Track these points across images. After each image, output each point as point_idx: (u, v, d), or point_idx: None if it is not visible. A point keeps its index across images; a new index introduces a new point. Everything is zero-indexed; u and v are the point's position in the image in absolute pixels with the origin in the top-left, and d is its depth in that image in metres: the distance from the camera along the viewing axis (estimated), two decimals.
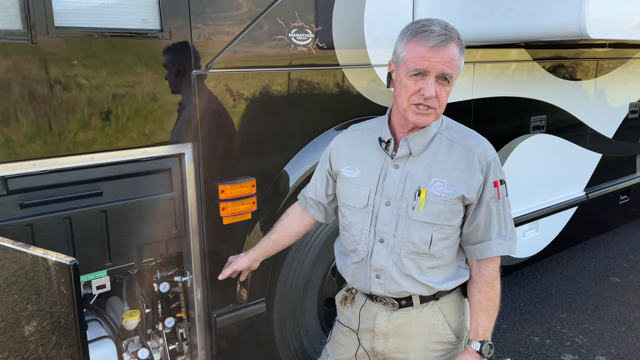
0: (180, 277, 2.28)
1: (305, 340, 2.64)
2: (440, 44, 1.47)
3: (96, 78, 1.82)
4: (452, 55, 1.50)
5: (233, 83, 2.14)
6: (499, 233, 1.64)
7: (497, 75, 3.18)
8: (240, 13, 2.11)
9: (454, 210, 1.60)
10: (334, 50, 2.40)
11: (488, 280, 1.66)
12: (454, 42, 1.50)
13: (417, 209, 1.59)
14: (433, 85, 1.49)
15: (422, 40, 1.49)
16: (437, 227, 1.60)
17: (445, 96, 1.54)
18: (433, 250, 1.62)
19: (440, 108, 1.55)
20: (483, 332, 1.65)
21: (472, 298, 1.68)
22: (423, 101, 1.51)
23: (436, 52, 1.48)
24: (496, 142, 3.25)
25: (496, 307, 1.67)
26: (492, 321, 1.67)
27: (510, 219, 1.67)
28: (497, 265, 1.67)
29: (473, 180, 1.58)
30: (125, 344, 2.25)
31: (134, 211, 2.02)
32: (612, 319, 3.70)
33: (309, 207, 1.92)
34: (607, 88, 4.01)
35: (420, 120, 1.55)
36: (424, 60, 1.49)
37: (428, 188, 1.58)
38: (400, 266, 1.64)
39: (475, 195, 1.60)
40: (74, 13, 1.77)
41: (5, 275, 1.29)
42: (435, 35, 1.48)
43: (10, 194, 1.76)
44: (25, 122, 1.72)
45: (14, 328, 1.32)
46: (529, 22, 2.30)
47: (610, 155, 4.19)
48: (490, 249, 1.64)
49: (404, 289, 1.66)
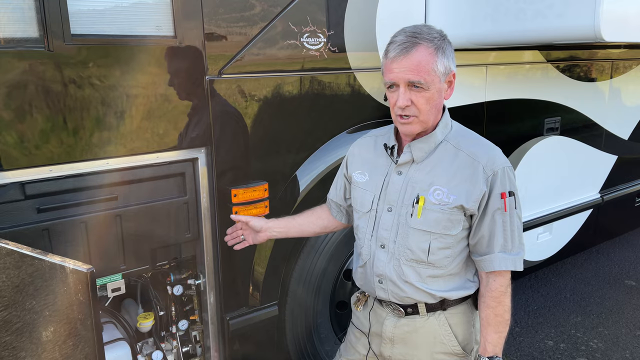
0: (193, 280, 2.30)
1: (317, 343, 2.65)
2: (400, 53, 1.48)
3: (111, 84, 1.85)
4: (418, 61, 1.47)
5: (245, 88, 2.15)
6: (503, 246, 1.58)
7: (510, 77, 3.16)
8: (252, 19, 2.12)
9: (453, 219, 1.57)
10: (346, 53, 2.41)
11: (495, 295, 1.60)
12: (419, 46, 1.48)
13: (414, 217, 1.58)
14: (404, 94, 1.50)
15: (388, 52, 1.53)
16: (435, 235, 1.58)
17: (423, 102, 1.51)
18: (432, 259, 1.60)
19: (422, 114, 1.53)
20: (492, 348, 1.61)
21: (481, 312, 1.65)
22: (401, 112, 1.53)
23: (398, 62, 1.49)
24: (509, 144, 3.26)
25: (505, 323, 1.62)
26: (502, 337, 1.62)
27: (518, 233, 1.61)
28: (506, 280, 1.61)
29: (474, 190, 1.55)
30: (139, 346, 2.28)
31: (148, 215, 2.04)
32: (627, 322, 3.66)
33: (332, 209, 1.96)
34: (623, 89, 3.96)
35: (406, 130, 1.57)
36: (390, 73, 1.51)
37: (427, 196, 1.57)
38: (399, 273, 1.64)
39: (476, 206, 1.56)
40: (90, 20, 1.79)
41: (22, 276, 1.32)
42: (396, 45, 1.49)
43: (28, 199, 1.79)
44: (42, 128, 1.75)
45: (31, 329, 1.35)
46: (542, 25, 2.28)
47: (625, 157, 4.13)
48: (492, 263, 1.59)
49: (407, 294, 1.65)
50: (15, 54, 1.66)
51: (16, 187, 1.76)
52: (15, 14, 1.67)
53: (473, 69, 2.94)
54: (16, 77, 1.67)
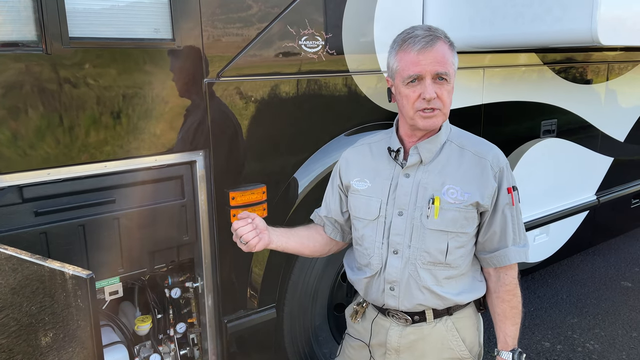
0: (191, 283, 2.30)
1: (315, 345, 2.65)
2: (426, 45, 1.48)
3: (109, 87, 1.84)
4: (442, 54, 1.50)
5: (244, 90, 2.15)
6: (514, 240, 1.63)
7: (507, 80, 3.17)
8: (251, 22, 2.12)
9: (469, 217, 1.59)
10: (344, 56, 2.41)
11: (510, 288, 1.65)
12: (440, 41, 1.50)
13: (431, 218, 1.57)
14: (431, 86, 1.49)
15: (408, 47, 1.50)
16: (452, 235, 1.59)
17: (447, 95, 1.53)
18: (449, 259, 1.60)
19: (445, 108, 1.54)
20: (512, 341, 1.66)
21: (495, 308, 1.67)
22: (427, 105, 1.51)
23: (425, 54, 1.48)
24: (507, 146, 3.27)
25: (520, 313, 1.67)
26: (518, 328, 1.67)
27: (522, 226, 1.67)
28: (516, 272, 1.67)
29: (487, 186, 1.58)
30: (137, 349, 2.28)
31: (146, 218, 2.03)
32: (623, 324, 3.68)
33: (326, 227, 1.86)
34: (619, 91, 3.98)
35: (429, 124, 1.55)
36: (416, 66, 1.49)
37: (441, 196, 1.58)
38: (416, 277, 1.62)
39: (490, 202, 1.59)
40: (88, 24, 1.79)
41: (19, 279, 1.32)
42: (420, 38, 1.49)
43: (26, 202, 1.78)
44: (40, 131, 1.74)
45: (28, 332, 1.34)
46: (540, 29, 2.29)
47: (621, 159, 4.15)
48: (508, 257, 1.63)
49: (419, 301, 1.63)
50: (13, 57, 1.66)
51: (14, 191, 1.75)
52: (12, 17, 1.67)
53: (471, 71, 2.95)
54: (14, 79, 1.67)
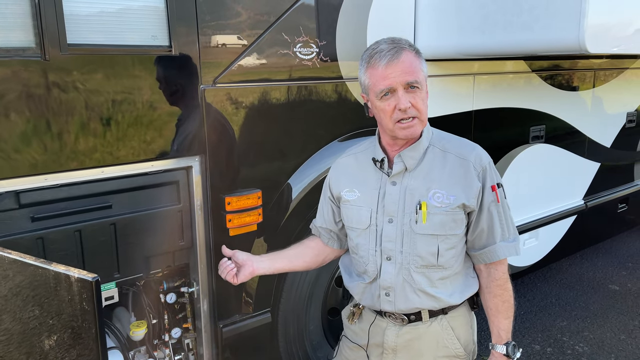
0: (186, 288, 2.30)
1: (309, 349, 2.67)
2: (392, 58, 1.52)
3: (106, 93, 1.86)
4: (409, 63, 1.54)
5: (239, 97, 2.17)
6: (502, 236, 1.66)
7: (496, 86, 3.23)
8: (246, 29, 2.15)
9: (456, 219, 1.62)
10: (338, 63, 2.45)
11: (500, 283, 1.69)
12: (405, 51, 1.54)
13: (420, 223, 1.61)
14: (404, 96, 1.53)
15: (376, 62, 1.55)
16: (442, 237, 1.62)
17: (421, 102, 1.56)
18: (441, 261, 1.64)
19: (422, 115, 1.58)
20: (506, 334, 1.70)
21: (487, 303, 1.71)
22: (404, 114, 1.55)
23: (392, 67, 1.52)
24: (496, 152, 3.32)
25: (512, 307, 1.71)
26: (511, 321, 1.71)
27: (511, 221, 1.71)
28: (506, 267, 1.71)
29: (471, 187, 1.61)
30: (132, 354, 2.27)
31: (142, 223, 2.05)
32: (612, 327, 3.73)
33: (323, 237, 1.89)
34: (605, 98, 4.06)
35: (409, 133, 1.58)
36: (385, 79, 1.54)
37: (428, 200, 1.61)
38: (410, 282, 1.65)
39: (476, 202, 1.62)
40: (86, 30, 1.81)
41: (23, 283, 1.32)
42: (385, 52, 1.53)
43: (22, 207, 1.78)
44: (38, 137, 1.75)
45: (32, 335, 1.34)
46: (529, 37, 2.34)
47: (608, 164, 4.23)
48: (496, 253, 1.66)
49: (414, 304, 1.67)
50: (11, 63, 1.67)
51: (11, 196, 1.76)
52: (11, 24, 1.68)
53: (462, 78, 3.00)
54: (12, 86, 1.68)
